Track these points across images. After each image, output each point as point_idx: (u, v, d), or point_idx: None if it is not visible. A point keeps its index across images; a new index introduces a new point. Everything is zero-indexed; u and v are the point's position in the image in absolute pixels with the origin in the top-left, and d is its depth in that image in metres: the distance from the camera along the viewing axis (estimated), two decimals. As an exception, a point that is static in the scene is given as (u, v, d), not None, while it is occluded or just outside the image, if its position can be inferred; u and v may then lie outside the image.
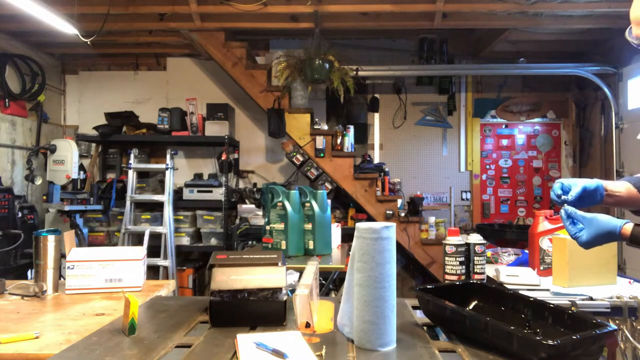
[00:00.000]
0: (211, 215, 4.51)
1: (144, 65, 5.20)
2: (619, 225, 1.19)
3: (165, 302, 1.44)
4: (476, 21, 4.12)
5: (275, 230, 2.60)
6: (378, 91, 5.13)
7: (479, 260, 2.02)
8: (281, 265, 1.22)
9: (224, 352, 0.99)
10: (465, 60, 5.05)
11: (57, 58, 5.11)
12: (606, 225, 1.20)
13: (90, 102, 5.13)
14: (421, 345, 1.03)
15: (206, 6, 3.96)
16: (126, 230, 4.16)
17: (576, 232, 1.22)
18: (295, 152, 4.41)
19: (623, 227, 1.18)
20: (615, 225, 1.19)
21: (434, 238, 4.53)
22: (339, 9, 3.95)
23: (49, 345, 1.15)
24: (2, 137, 4.27)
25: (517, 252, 2.59)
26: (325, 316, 1.25)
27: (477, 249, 2.01)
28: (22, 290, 1.65)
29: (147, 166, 4.57)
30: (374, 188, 4.43)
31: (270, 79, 4.55)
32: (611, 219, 1.20)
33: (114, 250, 1.91)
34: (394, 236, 1.04)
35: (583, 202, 1.26)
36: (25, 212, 3.89)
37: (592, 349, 0.91)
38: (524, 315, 1.11)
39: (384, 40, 4.99)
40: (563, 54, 4.82)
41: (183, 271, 4.37)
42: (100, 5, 3.80)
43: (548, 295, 2.14)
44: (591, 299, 2.06)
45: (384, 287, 1.01)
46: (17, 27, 4.16)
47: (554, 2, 3.75)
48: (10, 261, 3.62)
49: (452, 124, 5.15)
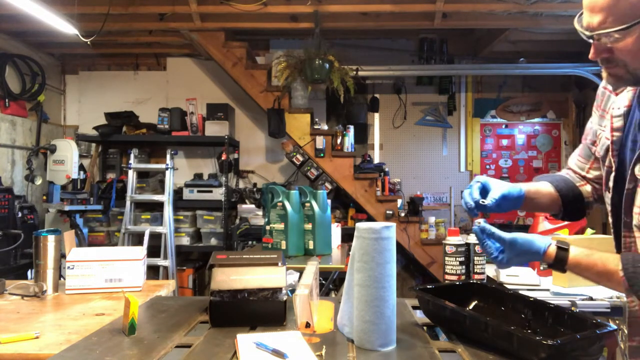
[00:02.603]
0: (211, 215, 4.51)
1: (144, 65, 5.20)
2: (542, 248, 1.06)
3: (165, 302, 1.44)
4: (476, 21, 4.12)
5: (275, 230, 2.60)
6: (378, 91, 5.13)
7: (479, 260, 2.02)
8: (281, 265, 1.22)
9: (224, 352, 0.99)
10: (465, 60, 5.05)
11: (57, 58, 5.11)
12: (529, 248, 1.06)
13: (90, 102, 5.12)
14: (421, 345, 1.03)
15: (206, 6, 3.96)
16: (126, 230, 4.16)
17: (494, 252, 1.08)
18: (295, 152, 4.41)
19: (548, 250, 1.06)
20: (538, 247, 1.06)
21: (434, 238, 4.53)
22: (339, 9, 3.95)
23: (49, 345, 1.15)
24: (2, 137, 4.27)
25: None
26: (325, 316, 1.25)
27: (477, 249, 2.01)
28: (22, 290, 1.65)
29: (147, 166, 4.57)
30: (374, 188, 4.43)
31: (270, 79, 4.55)
32: (533, 239, 1.07)
33: (114, 250, 1.92)
34: (394, 236, 1.04)
35: (500, 208, 1.14)
36: (25, 212, 3.89)
37: (592, 349, 0.91)
38: (524, 315, 1.11)
39: (384, 40, 4.99)
40: (563, 54, 4.82)
41: (183, 271, 4.37)
42: (100, 5, 3.79)
43: (548, 295, 2.14)
44: (591, 299, 2.06)
45: (384, 287, 1.01)
46: (17, 27, 4.16)
47: (554, 2, 3.75)
48: (10, 261, 3.61)
49: (452, 124, 5.15)
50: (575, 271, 1.07)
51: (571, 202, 1.25)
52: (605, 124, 1.14)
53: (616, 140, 1.09)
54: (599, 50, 1.01)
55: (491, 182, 1.15)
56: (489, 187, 1.14)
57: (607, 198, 1.13)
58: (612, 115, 1.11)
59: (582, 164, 1.28)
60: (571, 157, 1.33)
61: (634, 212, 1.04)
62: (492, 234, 1.07)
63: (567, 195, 1.25)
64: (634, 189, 1.04)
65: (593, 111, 1.23)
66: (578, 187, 1.27)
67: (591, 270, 1.04)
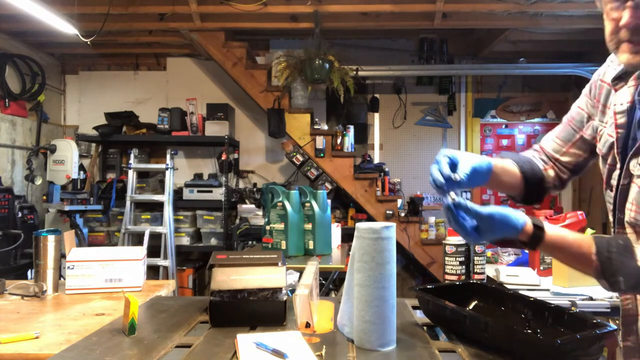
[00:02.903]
0: (211, 215, 4.51)
1: (144, 65, 5.20)
2: (520, 224, 0.97)
3: (165, 302, 1.44)
4: (476, 21, 4.12)
5: (275, 230, 2.60)
6: (378, 91, 5.13)
7: (479, 260, 2.02)
8: (281, 265, 1.22)
9: (224, 352, 0.99)
10: (465, 60, 5.05)
11: (57, 58, 5.11)
12: (506, 224, 0.97)
13: (90, 102, 5.13)
14: (421, 345, 1.03)
15: (206, 6, 3.96)
16: (126, 230, 4.16)
17: (468, 230, 0.98)
18: (295, 152, 4.42)
19: (525, 228, 0.98)
20: (516, 224, 0.97)
21: (434, 238, 4.52)
22: (339, 9, 3.95)
23: (49, 345, 1.15)
24: (2, 137, 4.27)
25: (517, 252, 2.59)
26: (325, 316, 1.25)
27: (477, 249, 2.01)
28: (22, 290, 1.65)
29: (147, 166, 4.57)
30: (374, 188, 4.43)
31: (270, 79, 4.55)
32: (509, 214, 0.97)
33: (114, 250, 1.92)
34: (394, 236, 1.03)
35: (470, 182, 1.04)
36: (25, 212, 3.89)
37: (592, 349, 0.91)
38: (524, 315, 1.11)
39: (384, 40, 4.99)
40: (563, 54, 4.82)
41: (183, 271, 4.37)
42: (100, 5, 3.79)
43: (548, 295, 2.14)
44: (591, 299, 2.06)
45: (384, 287, 1.01)
46: (17, 27, 4.16)
47: (554, 2, 3.75)
48: (10, 261, 3.62)
49: (452, 124, 5.15)
50: (547, 251, 1.03)
51: (532, 186, 1.22)
52: (607, 120, 1.11)
53: (620, 138, 1.05)
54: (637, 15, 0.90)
55: (458, 155, 1.05)
56: (457, 160, 1.04)
57: (609, 196, 1.11)
58: (616, 112, 1.07)
59: (558, 147, 1.24)
60: (546, 137, 1.27)
61: (627, 208, 1.03)
62: (467, 209, 0.97)
63: (531, 178, 1.21)
64: (628, 185, 1.03)
65: (584, 96, 1.19)
66: (542, 171, 1.23)
67: (565, 252, 1.01)
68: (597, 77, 1.17)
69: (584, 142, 1.20)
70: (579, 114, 1.21)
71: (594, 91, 1.17)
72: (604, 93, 1.14)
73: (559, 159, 1.24)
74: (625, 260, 0.94)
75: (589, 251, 0.97)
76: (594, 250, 0.96)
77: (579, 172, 1.27)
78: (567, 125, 1.23)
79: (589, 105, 1.19)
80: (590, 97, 1.19)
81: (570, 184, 4.22)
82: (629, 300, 1.08)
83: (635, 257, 0.94)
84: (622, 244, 0.95)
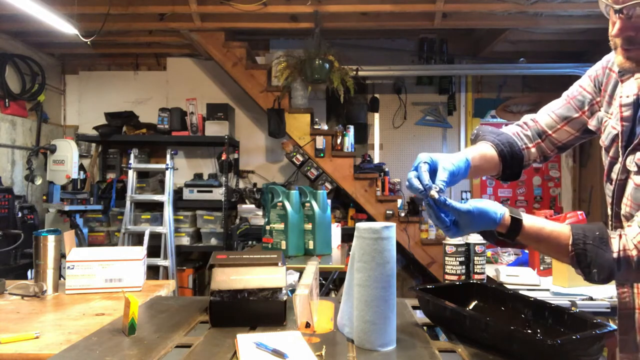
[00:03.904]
0: (211, 215, 4.51)
1: (144, 65, 5.20)
2: (498, 217, 0.98)
3: (165, 302, 1.44)
4: (476, 21, 4.12)
5: (275, 230, 2.60)
6: (378, 91, 5.13)
7: (479, 260, 2.02)
8: (281, 265, 1.22)
9: (224, 352, 0.99)
10: (465, 60, 5.05)
11: (57, 58, 5.11)
12: (484, 217, 0.98)
13: (90, 102, 5.13)
14: (421, 345, 1.03)
15: (206, 6, 3.96)
16: (126, 230, 4.16)
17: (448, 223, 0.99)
18: (295, 152, 4.42)
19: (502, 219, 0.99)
20: (494, 217, 0.98)
21: (434, 238, 4.52)
22: (339, 9, 3.95)
23: (49, 345, 1.15)
24: (2, 137, 4.27)
25: (517, 252, 2.59)
26: (325, 316, 1.25)
27: (477, 249, 2.01)
28: (22, 290, 1.65)
29: (147, 166, 4.57)
30: (374, 188, 4.43)
31: (270, 79, 4.55)
32: (487, 208, 0.98)
33: (114, 250, 1.91)
34: (394, 236, 1.03)
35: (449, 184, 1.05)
36: (25, 212, 3.88)
37: (592, 349, 0.91)
38: (524, 315, 1.11)
39: (384, 40, 4.99)
40: (563, 54, 4.82)
41: (183, 271, 4.37)
42: (100, 5, 3.80)
43: (548, 295, 2.14)
44: (591, 299, 2.06)
45: (384, 287, 1.01)
46: (17, 27, 4.16)
47: (554, 2, 3.75)
48: (10, 261, 3.61)
49: (452, 124, 5.15)
50: (526, 242, 1.03)
51: (510, 167, 1.22)
52: (612, 111, 1.10)
53: (625, 131, 1.05)
54: (625, 27, 0.95)
55: (437, 159, 1.07)
56: (436, 164, 1.06)
57: (608, 189, 1.11)
58: (621, 104, 1.07)
59: (552, 122, 1.22)
60: (542, 110, 1.26)
61: (623, 203, 1.04)
62: (446, 205, 0.98)
63: (509, 160, 1.21)
64: (625, 180, 1.04)
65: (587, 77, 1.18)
66: (522, 150, 1.23)
67: (543, 243, 1.02)
68: (605, 63, 1.15)
69: (579, 122, 1.19)
70: (580, 93, 1.19)
71: (601, 77, 1.15)
72: (611, 83, 1.12)
73: (550, 135, 1.23)
74: (600, 252, 0.95)
75: (566, 242, 0.98)
76: (570, 242, 0.98)
77: (565, 150, 1.27)
78: (566, 102, 1.22)
79: (591, 86, 1.17)
80: (592, 80, 1.17)
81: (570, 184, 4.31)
82: (626, 293, 1.09)
83: (610, 249, 0.95)
84: (598, 235, 0.96)
